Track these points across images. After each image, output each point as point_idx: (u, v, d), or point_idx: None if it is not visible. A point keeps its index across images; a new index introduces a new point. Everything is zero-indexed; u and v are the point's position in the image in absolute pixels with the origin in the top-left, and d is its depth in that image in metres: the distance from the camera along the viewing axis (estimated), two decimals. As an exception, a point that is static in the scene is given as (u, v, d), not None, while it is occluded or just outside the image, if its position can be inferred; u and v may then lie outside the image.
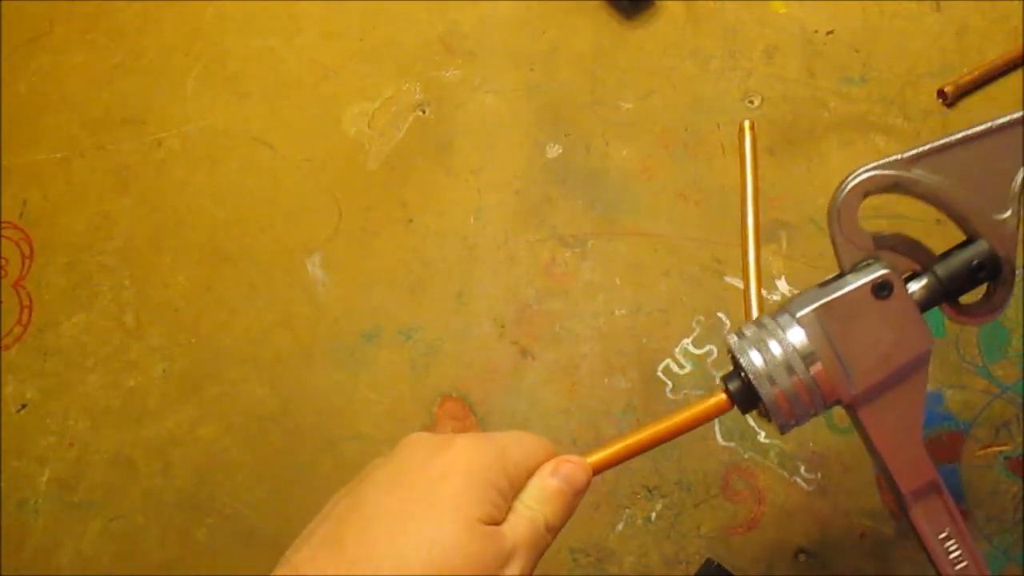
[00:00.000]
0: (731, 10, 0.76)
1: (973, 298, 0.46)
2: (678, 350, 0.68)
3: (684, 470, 0.65)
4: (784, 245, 0.69)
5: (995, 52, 0.72)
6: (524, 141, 0.75)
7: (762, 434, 0.65)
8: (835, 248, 0.44)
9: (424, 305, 0.71)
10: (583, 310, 0.70)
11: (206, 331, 0.72)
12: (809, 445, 0.64)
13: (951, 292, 0.44)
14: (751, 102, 0.74)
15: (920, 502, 0.44)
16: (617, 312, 0.69)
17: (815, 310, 0.43)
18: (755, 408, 0.45)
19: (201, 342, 0.72)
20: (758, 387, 0.43)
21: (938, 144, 0.44)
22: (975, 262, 0.44)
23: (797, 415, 0.43)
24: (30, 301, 0.74)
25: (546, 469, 0.42)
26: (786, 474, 0.64)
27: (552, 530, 0.42)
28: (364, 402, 0.69)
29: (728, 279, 0.69)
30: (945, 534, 0.44)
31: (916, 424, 0.44)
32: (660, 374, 0.67)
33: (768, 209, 0.70)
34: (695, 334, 0.68)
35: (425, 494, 0.39)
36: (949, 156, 0.44)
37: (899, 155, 0.44)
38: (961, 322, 0.46)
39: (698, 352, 0.68)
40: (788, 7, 0.76)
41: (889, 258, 0.44)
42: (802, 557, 0.63)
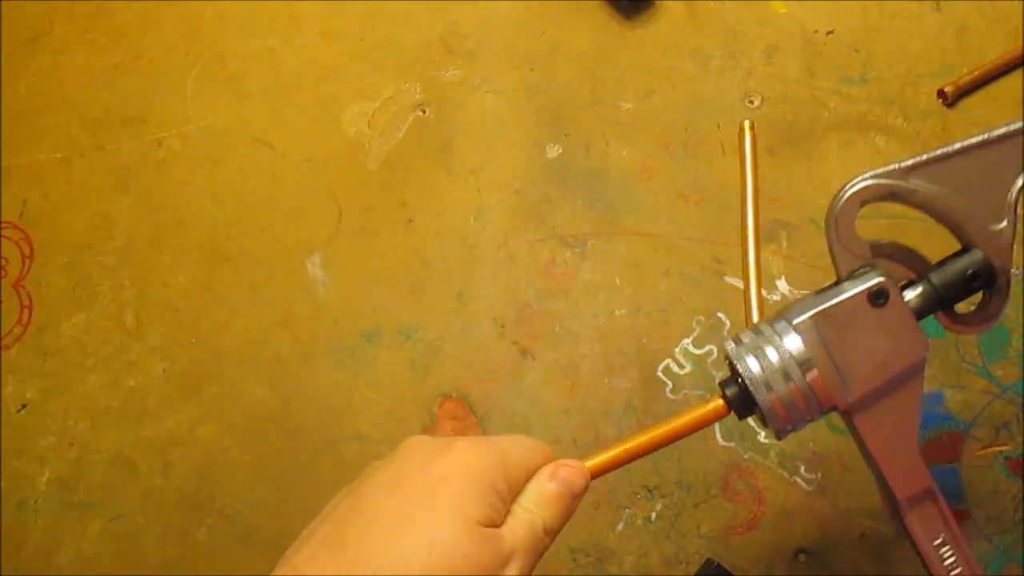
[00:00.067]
0: (731, 10, 0.76)
1: (969, 307, 0.47)
2: (678, 350, 0.68)
3: (684, 470, 0.65)
4: (784, 245, 0.69)
5: (995, 52, 0.72)
6: (524, 141, 0.75)
7: (762, 434, 0.65)
8: (832, 256, 0.45)
9: (424, 305, 0.71)
10: (583, 310, 0.70)
11: (206, 331, 0.72)
12: (809, 445, 0.64)
13: (946, 300, 0.45)
14: (751, 102, 0.74)
15: (915, 509, 0.45)
16: (617, 312, 0.69)
17: (812, 317, 0.43)
18: (752, 414, 0.45)
19: (201, 342, 0.72)
20: (755, 393, 0.43)
21: (935, 154, 0.45)
22: (970, 271, 0.44)
23: (793, 421, 0.44)
24: (30, 301, 0.74)
25: (544, 473, 0.43)
26: (786, 474, 0.64)
27: (550, 533, 0.42)
28: (364, 402, 0.69)
29: (728, 279, 0.69)
30: (940, 540, 0.45)
31: (912, 431, 0.44)
32: (660, 374, 0.67)
33: (768, 209, 0.70)
34: (695, 334, 0.68)
35: (425, 496, 0.39)
36: (946, 166, 0.45)
37: (896, 164, 0.45)
38: (956, 331, 0.46)
39: (698, 352, 0.68)
40: (788, 7, 0.76)
41: (886, 266, 0.45)
42: (802, 557, 0.63)
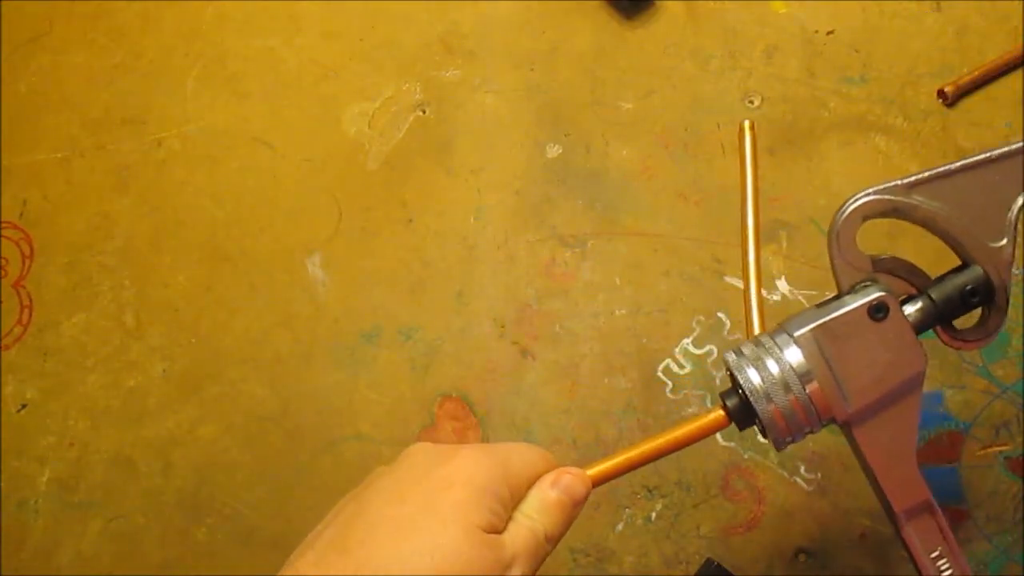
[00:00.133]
0: (731, 10, 0.76)
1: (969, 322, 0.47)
2: (678, 350, 0.68)
3: (684, 470, 0.65)
4: (784, 245, 0.69)
5: (995, 52, 0.72)
6: (524, 141, 0.75)
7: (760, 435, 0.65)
8: (834, 270, 0.45)
9: (424, 305, 0.71)
10: (583, 310, 0.70)
11: (206, 331, 0.72)
12: (809, 445, 0.64)
13: (945, 316, 0.45)
14: (751, 102, 0.74)
15: (913, 521, 0.45)
16: (617, 312, 0.69)
17: (812, 330, 0.43)
18: (752, 424, 0.46)
19: (201, 342, 0.72)
20: (755, 404, 0.44)
21: (937, 171, 0.45)
22: (969, 287, 0.45)
23: (793, 432, 0.44)
24: (30, 301, 0.74)
25: (546, 480, 0.43)
26: (786, 474, 0.64)
27: (551, 540, 0.42)
28: (364, 402, 0.69)
29: (728, 279, 0.69)
30: (937, 553, 0.45)
31: (910, 444, 0.44)
32: (660, 374, 0.67)
33: (768, 209, 0.70)
34: (695, 334, 0.68)
35: (428, 502, 0.39)
36: (947, 183, 0.45)
37: (898, 180, 0.45)
38: (955, 347, 0.47)
39: (698, 352, 0.68)
40: (788, 7, 0.76)
41: (886, 281, 0.45)
42: (802, 557, 0.63)
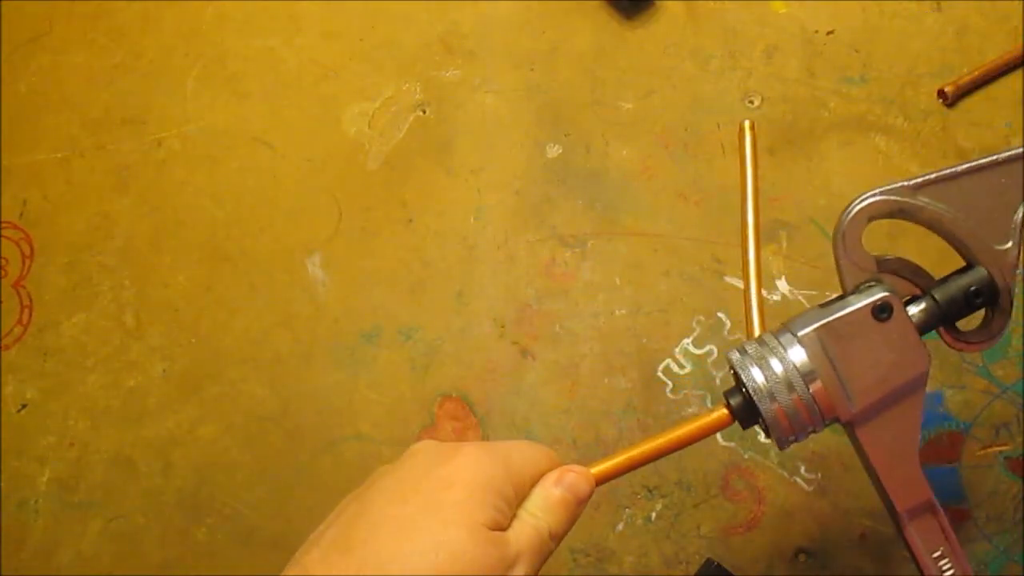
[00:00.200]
0: (731, 10, 0.76)
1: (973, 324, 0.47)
2: (678, 350, 0.68)
3: (684, 470, 0.65)
4: (784, 245, 0.69)
5: (995, 52, 0.72)
6: (524, 141, 0.75)
7: (762, 434, 0.65)
8: (839, 270, 0.45)
9: (424, 305, 0.71)
10: (583, 310, 0.70)
11: (206, 331, 0.72)
12: (809, 445, 0.64)
13: (949, 316, 0.45)
14: (751, 102, 0.74)
15: (915, 521, 0.45)
16: (617, 312, 0.69)
17: (816, 330, 0.43)
18: (755, 423, 0.46)
19: (201, 342, 0.72)
20: (759, 403, 0.44)
21: (943, 173, 0.45)
22: (972, 288, 0.45)
23: (796, 431, 0.44)
24: (30, 301, 0.74)
25: (550, 478, 0.43)
26: (786, 474, 0.64)
27: (555, 538, 0.43)
28: (364, 402, 0.69)
29: (728, 279, 0.69)
30: (939, 553, 0.45)
31: (913, 444, 0.45)
32: (660, 374, 0.67)
33: (768, 209, 0.70)
34: (695, 334, 0.68)
35: (432, 500, 0.39)
36: (954, 185, 0.45)
37: (904, 181, 0.45)
38: (958, 348, 0.47)
39: (698, 352, 0.68)
40: (788, 7, 0.76)
41: (891, 281, 0.45)
42: (802, 557, 0.63)
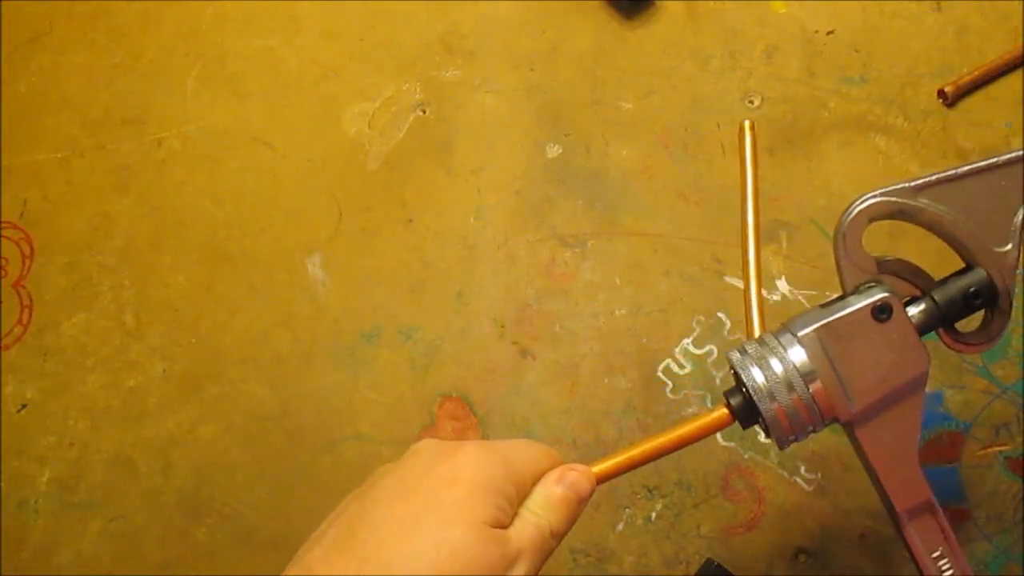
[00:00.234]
0: (731, 10, 0.76)
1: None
2: (678, 350, 0.68)
3: (684, 470, 0.65)
4: (784, 245, 0.69)
5: (995, 52, 0.72)
6: (524, 141, 0.75)
7: (762, 434, 0.65)
8: (839, 270, 0.45)
9: (424, 305, 0.71)
10: (583, 310, 0.70)
11: (206, 331, 0.72)
12: (809, 445, 0.64)
13: (948, 317, 0.45)
14: (751, 102, 0.74)
15: (914, 521, 0.45)
16: (617, 312, 0.69)
17: (816, 330, 0.44)
18: (755, 423, 0.46)
19: (201, 342, 0.72)
20: (759, 403, 0.44)
21: (944, 175, 0.45)
22: (972, 289, 0.45)
23: (796, 431, 0.45)
24: (30, 301, 0.74)
25: (551, 477, 0.44)
26: (786, 474, 0.64)
27: (556, 536, 0.43)
28: (364, 402, 0.69)
29: (728, 279, 0.69)
30: (938, 553, 0.45)
31: (912, 444, 0.45)
32: (660, 374, 0.67)
33: (768, 209, 0.70)
34: (695, 334, 0.68)
35: (433, 498, 0.40)
36: (954, 187, 0.45)
37: (905, 183, 0.45)
38: (957, 350, 0.47)
39: (698, 352, 0.68)
40: (788, 7, 0.76)
41: (891, 282, 0.45)
42: (802, 557, 0.63)
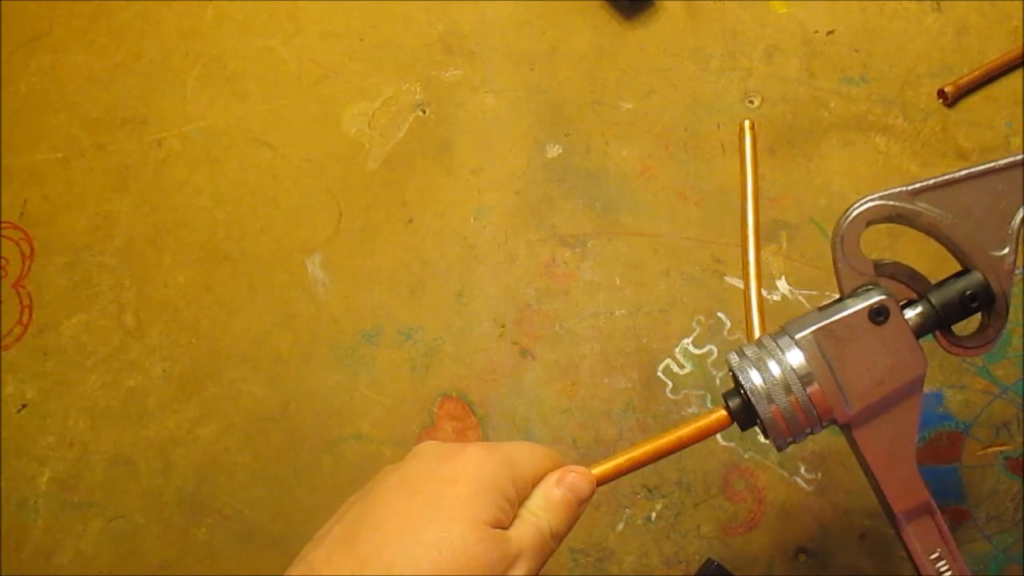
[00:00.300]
0: (731, 10, 0.76)
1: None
2: (678, 350, 0.68)
3: (684, 470, 0.65)
4: (784, 245, 0.69)
5: (995, 52, 0.72)
6: (524, 141, 0.75)
7: (762, 435, 0.65)
8: (837, 273, 0.46)
9: (424, 305, 0.71)
10: (583, 310, 0.70)
11: (206, 331, 0.72)
12: (809, 445, 0.64)
13: (945, 320, 0.46)
14: (751, 102, 0.74)
15: (912, 522, 0.45)
16: (617, 312, 0.69)
17: (814, 332, 0.44)
18: (754, 425, 0.46)
19: (201, 342, 0.72)
20: (756, 405, 0.44)
21: (941, 179, 0.46)
22: (968, 292, 0.45)
23: (793, 433, 0.45)
24: (30, 301, 0.74)
25: (552, 478, 0.44)
26: (786, 474, 0.64)
27: (556, 537, 0.43)
28: (364, 402, 0.69)
29: (728, 279, 0.69)
30: (936, 555, 0.46)
31: (910, 446, 0.45)
32: (660, 374, 0.67)
33: (768, 209, 0.70)
34: (695, 334, 0.68)
35: (435, 499, 0.40)
36: (951, 191, 0.46)
37: (903, 187, 0.46)
38: (954, 353, 0.47)
39: (698, 352, 0.68)
40: (788, 7, 0.76)
41: (888, 285, 0.46)
42: (802, 557, 0.63)
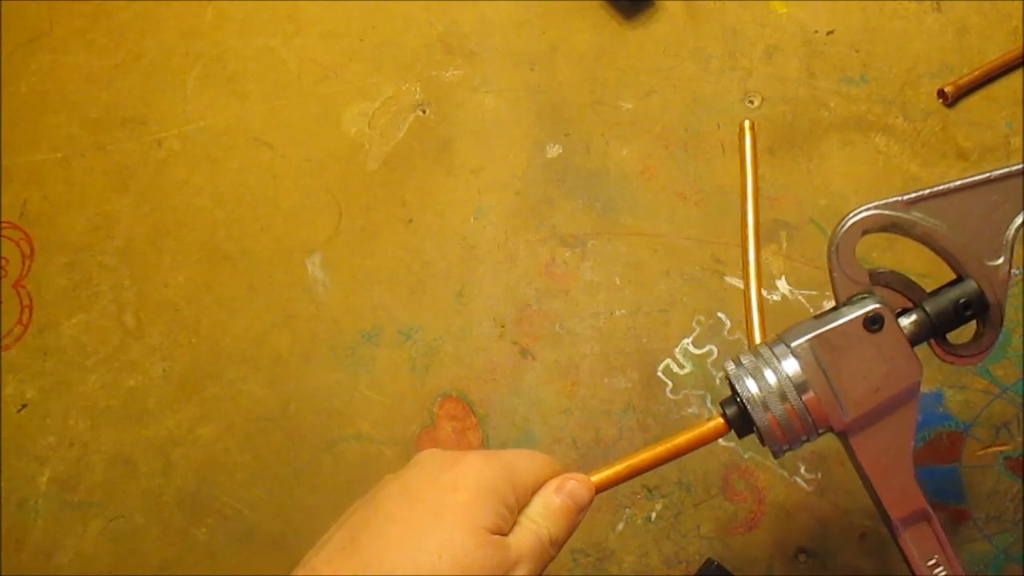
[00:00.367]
0: (731, 10, 0.76)
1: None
2: (678, 350, 0.68)
3: (684, 470, 0.65)
4: (784, 245, 0.69)
5: (995, 52, 0.72)
6: (524, 141, 0.75)
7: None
8: (832, 282, 0.46)
9: (424, 305, 0.71)
10: (583, 310, 0.70)
11: (206, 331, 0.72)
12: (809, 445, 0.64)
13: (939, 328, 0.46)
14: (751, 102, 0.74)
15: (909, 529, 0.46)
16: (617, 312, 0.69)
17: (809, 341, 0.44)
18: (751, 432, 0.46)
19: (201, 342, 0.72)
20: (752, 413, 0.45)
21: (936, 189, 0.46)
22: (962, 300, 0.46)
23: (789, 440, 0.45)
24: (30, 301, 0.74)
25: (551, 486, 0.45)
26: (786, 474, 0.64)
27: (556, 544, 0.44)
28: (364, 402, 0.69)
29: (728, 279, 0.69)
30: (933, 561, 0.46)
31: (906, 453, 0.45)
32: (660, 374, 0.67)
33: (768, 209, 0.70)
34: (695, 334, 0.68)
35: (436, 506, 0.41)
36: (947, 202, 0.46)
37: (898, 197, 0.46)
38: (948, 361, 0.47)
39: (698, 352, 0.68)
40: (788, 7, 0.76)
41: (883, 294, 0.46)
42: (802, 557, 0.63)
